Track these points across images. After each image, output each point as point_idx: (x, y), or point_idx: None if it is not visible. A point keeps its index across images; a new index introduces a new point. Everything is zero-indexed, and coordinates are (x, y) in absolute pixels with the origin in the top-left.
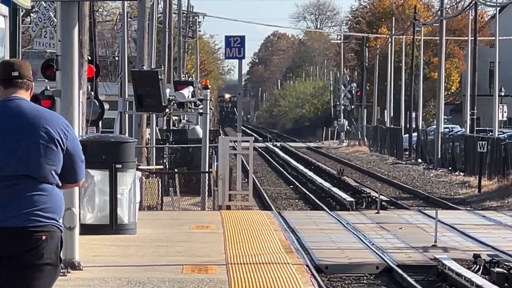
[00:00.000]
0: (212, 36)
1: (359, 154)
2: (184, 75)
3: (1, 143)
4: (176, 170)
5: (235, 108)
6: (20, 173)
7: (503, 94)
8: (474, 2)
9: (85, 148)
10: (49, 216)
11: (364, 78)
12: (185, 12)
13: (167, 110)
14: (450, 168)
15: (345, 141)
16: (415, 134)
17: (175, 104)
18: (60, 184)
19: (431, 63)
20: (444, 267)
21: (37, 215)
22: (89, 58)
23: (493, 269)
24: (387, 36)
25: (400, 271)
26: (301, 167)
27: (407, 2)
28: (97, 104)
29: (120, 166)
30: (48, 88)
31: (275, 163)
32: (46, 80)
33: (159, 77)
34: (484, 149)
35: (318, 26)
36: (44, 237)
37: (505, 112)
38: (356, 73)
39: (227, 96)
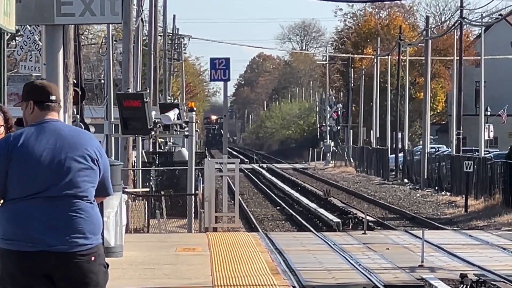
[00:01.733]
0: (197, 58)
1: (345, 175)
2: (170, 98)
3: (45, 164)
4: (162, 192)
5: (221, 130)
6: (65, 193)
7: (489, 113)
8: (459, 21)
9: None
10: (94, 237)
11: (349, 99)
12: (171, 34)
13: (153, 132)
14: (436, 188)
15: (331, 162)
16: (401, 154)
17: (161, 127)
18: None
19: (416, 83)
20: (431, 287)
21: (85, 237)
22: (75, 81)
23: None
24: (373, 56)
25: None
26: (287, 188)
27: (393, 23)
28: (83, 127)
29: None
30: None
31: (261, 185)
32: None
33: (145, 99)
34: (471, 169)
35: (304, 47)
36: (93, 258)
37: (491, 131)
38: (341, 93)
39: (213, 117)
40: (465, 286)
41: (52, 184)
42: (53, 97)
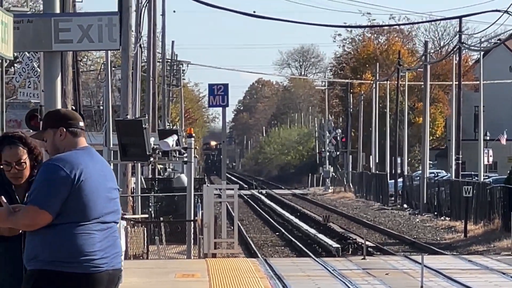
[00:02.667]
0: (196, 84)
1: (344, 200)
2: (168, 124)
3: (100, 191)
4: (161, 218)
5: (221, 156)
6: (113, 219)
7: (488, 138)
8: (458, 46)
9: None
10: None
11: (349, 124)
12: (169, 60)
13: (151, 159)
14: (436, 213)
15: (330, 187)
16: (400, 179)
17: (160, 153)
18: None
19: (415, 108)
20: None
21: (120, 256)
22: (73, 107)
23: None
24: (372, 81)
25: None
26: (287, 214)
27: (391, 48)
28: None
29: None
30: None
31: (260, 210)
32: (31, 131)
33: (144, 126)
34: (470, 194)
35: (303, 73)
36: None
37: (490, 156)
38: (341, 119)
39: (213, 143)
40: None
41: (106, 210)
42: (82, 124)
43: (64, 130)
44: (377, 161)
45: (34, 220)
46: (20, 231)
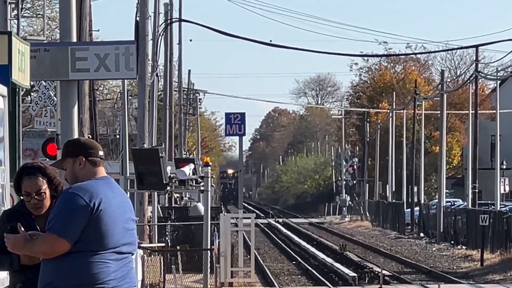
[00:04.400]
0: (213, 113)
1: (361, 229)
2: (185, 152)
3: (118, 221)
4: (178, 247)
5: (238, 185)
6: (129, 250)
7: (504, 167)
8: (474, 75)
9: None
10: None
11: (365, 153)
12: (186, 89)
13: (168, 188)
14: (452, 241)
15: (347, 216)
16: (417, 208)
17: (176, 182)
18: None
19: (432, 137)
20: None
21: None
22: (90, 136)
23: None
24: (388, 110)
25: None
26: (303, 243)
27: (408, 77)
28: None
29: None
30: None
31: (277, 239)
32: (47, 160)
33: (160, 155)
34: (486, 223)
35: (319, 102)
36: None
37: (507, 185)
38: (357, 148)
39: (230, 171)
40: None
41: (123, 241)
42: (102, 153)
43: (84, 159)
44: (393, 189)
45: (52, 247)
46: (40, 259)
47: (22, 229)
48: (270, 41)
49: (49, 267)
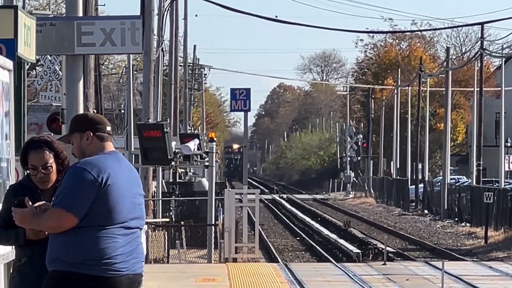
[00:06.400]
0: (218, 88)
1: (365, 206)
2: (190, 128)
3: (126, 196)
4: (182, 223)
5: (243, 161)
6: (137, 225)
7: (509, 144)
8: (479, 53)
9: None
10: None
11: (370, 130)
12: (191, 64)
13: (173, 163)
14: (456, 219)
15: (351, 192)
16: (421, 185)
17: (181, 157)
18: None
19: (437, 114)
20: None
21: (143, 261)
22: (95, 111)
23: None
24: (393, 87)
25: None
26: (307, 219)
27: (413, 53)
28: None
29: None
30: None
31: (281, 215)
32: (52, 134)
33: (165, 130)
34: (491, 200)
35: (324, 78)
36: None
37: (511, 162)
38: (362, 124)
39: (235, 146)
40: None
41: (131, 216)
42: (109, 129)
43: (91, 134)
44: (398, 166)
45: (60, 222)
46: (46, 234)
47: (30, 203)
48: (276, 16)
49: (57, 242)
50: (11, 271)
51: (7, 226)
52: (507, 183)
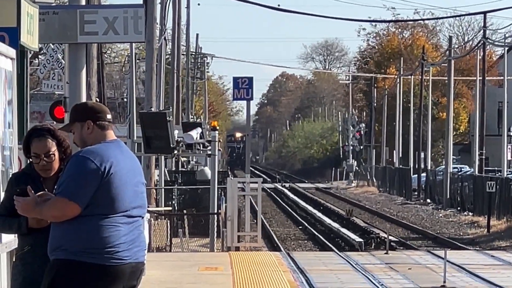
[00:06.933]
0: (220, 77)
1: (368, 195)
2: (192, 117)
3: (128, 184)
4: (184, 211)
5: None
6: (139, 213)
7: (511, 134)
8: (482, 42)
9: None
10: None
11: (372, 119)
12: (194, 53)
13: (175, 151)
14: (459, 208)
15: (354, 181)
16: (423, 174)
17: (183, 146)
18: None
19: (439, 103)
20: None
21: (145, 250)
22: (97, 99)
23: None
24: (396, 76)
25: None
26: (310, 207)
27: (416, 42)
28: None
29: None
30: None
31: (284, 204)
32: (55, 122)
33: (168, 118)
34: (493, 189)
35: (327, 67)
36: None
37: None
38: (364, 113)
39: (238, 135)
40: None
41: (133, 205)
42: (110, 117)
43: (92, 123)
44: (400, 155)
45: (63, 211)
46: (49, 222)
47: (32, 192)
48: (278, 5)
49: (59, 231)
50: (13, 260)
51: (10, 215)
52: (510, 172)
